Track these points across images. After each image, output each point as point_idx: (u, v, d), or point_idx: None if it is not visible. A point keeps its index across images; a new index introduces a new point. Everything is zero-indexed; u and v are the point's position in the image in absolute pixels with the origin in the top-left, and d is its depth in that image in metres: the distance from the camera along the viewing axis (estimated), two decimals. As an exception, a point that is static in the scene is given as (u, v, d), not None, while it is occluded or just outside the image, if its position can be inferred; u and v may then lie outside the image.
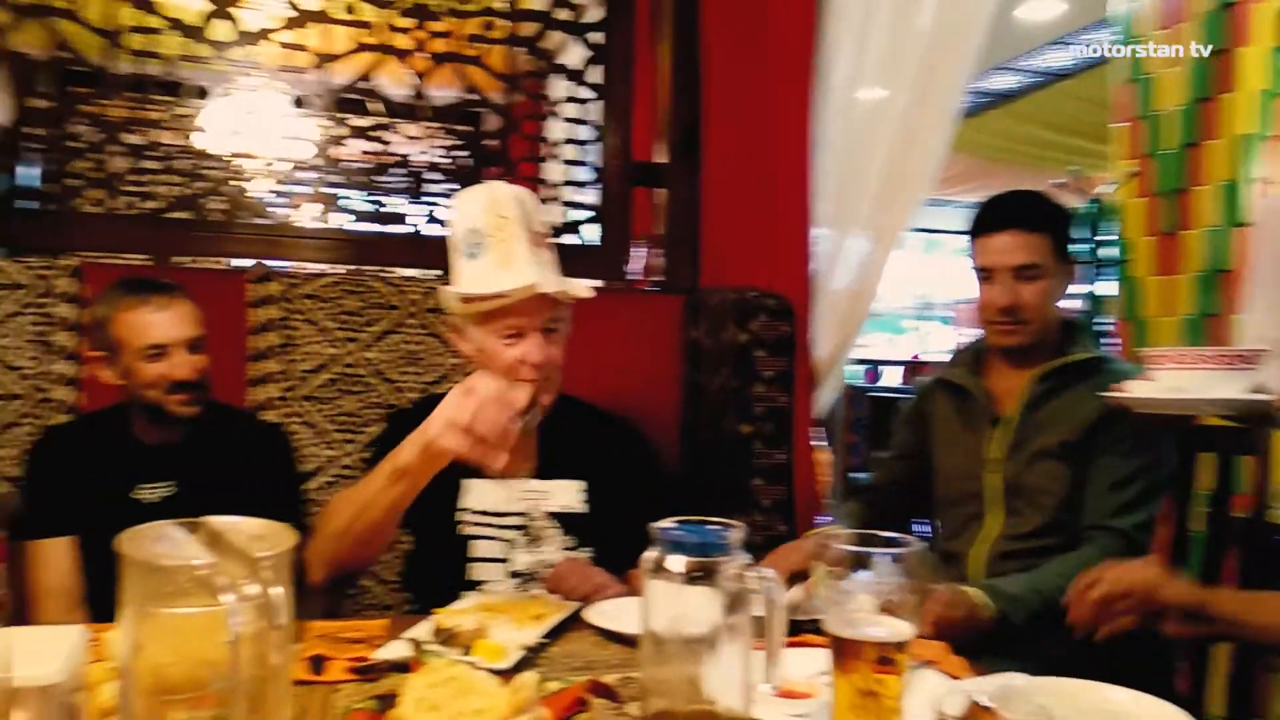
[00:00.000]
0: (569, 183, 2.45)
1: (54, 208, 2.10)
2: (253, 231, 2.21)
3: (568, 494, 1.67)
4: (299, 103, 2.29)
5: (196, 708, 0.71)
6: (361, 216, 2.40)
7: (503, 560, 1.62)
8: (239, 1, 2.20)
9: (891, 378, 6.68)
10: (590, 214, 2.43)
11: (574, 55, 2.48)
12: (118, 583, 0.71)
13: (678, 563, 0.84)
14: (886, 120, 2.22)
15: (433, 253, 2.18)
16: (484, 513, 1.63)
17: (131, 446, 1.75)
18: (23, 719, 0.64)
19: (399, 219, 2.32)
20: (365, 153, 2.47)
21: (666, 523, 0.87)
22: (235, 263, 2.33)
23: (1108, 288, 3.94)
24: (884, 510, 1.99)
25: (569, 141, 2.45)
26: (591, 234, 2.44)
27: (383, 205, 2.32)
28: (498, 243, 1.54)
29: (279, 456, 1.90)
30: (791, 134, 2.27)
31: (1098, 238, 4.13)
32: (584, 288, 1.64)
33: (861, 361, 6.56)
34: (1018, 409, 1.83)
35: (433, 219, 2.34)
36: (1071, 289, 1.95)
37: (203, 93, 2.23)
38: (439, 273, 2.13)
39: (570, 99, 2.46)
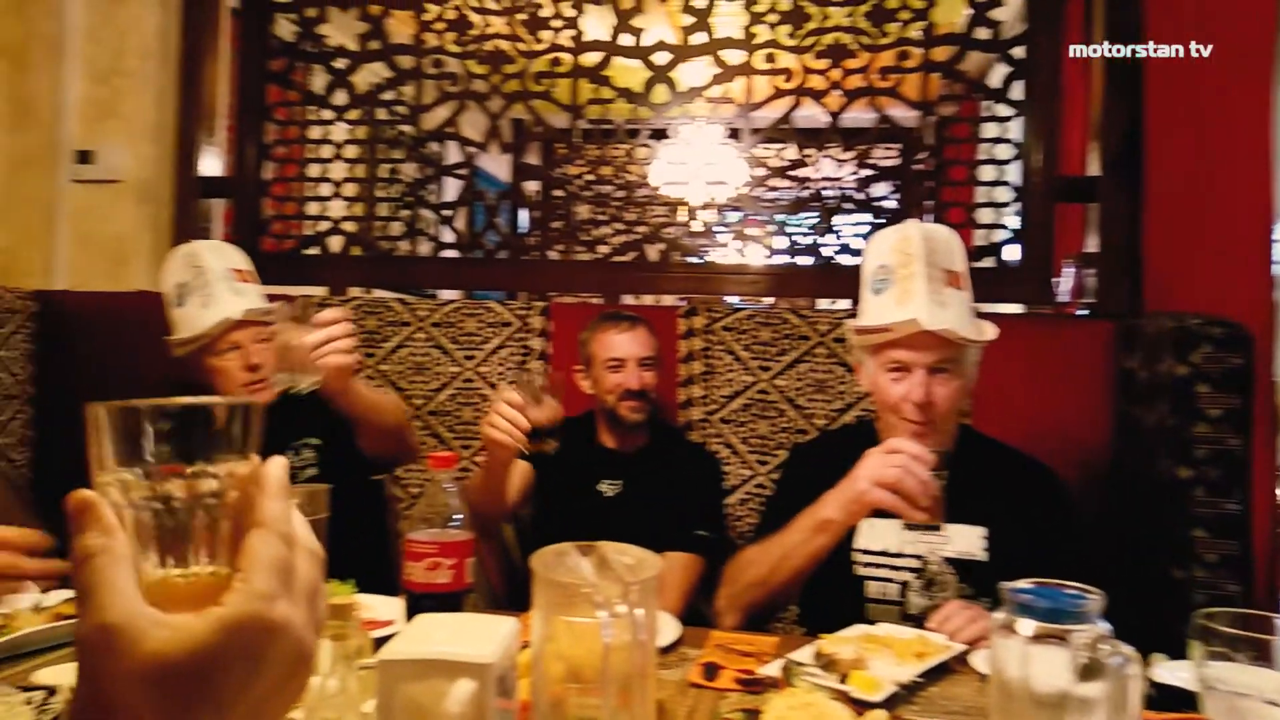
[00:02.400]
0: (987, 204, 2.37)
1: (535, 256, 2.54)
2: (684, 270, 2.47)
3: (967, 540, 1.61)
4: (724, 149, 2.52)
5: (587, 695, 0.87)
6: (777, 251, 2.55)
7: (898, 603, 1.61)
8: (680, 59, 2.47)
9: None
10: (1010, 234, 2.34)
11: (994, 73, 2.39)
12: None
13: (1027, 627, 0.83)
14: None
15: (843, 283, 2.25)
16: (879, 553, 1.63)
17: (598, 449, 2.12)
18: (469, 689, 0.82)
19: (813, 251, 2.42)
20: (784, 189, 2.63)
21: (1020, 583, 0.86)
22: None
23: None
24: None
25: (986, 161, 2.38)
26: (1013, 255, 2.33)
27: (798, 240, 2.44)
28: (901, 279, 1.56)
29: (709, 474, 2.14)
30: (1250, 133, 1.98)
31: None
32: (990, 330, 1.59)
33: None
34: None
35: (844, 249, 2.41)
36: None
37: (645, 149, 2.56)
38: (847, 302, 2.21)
39: (988, 118, 2.38)
